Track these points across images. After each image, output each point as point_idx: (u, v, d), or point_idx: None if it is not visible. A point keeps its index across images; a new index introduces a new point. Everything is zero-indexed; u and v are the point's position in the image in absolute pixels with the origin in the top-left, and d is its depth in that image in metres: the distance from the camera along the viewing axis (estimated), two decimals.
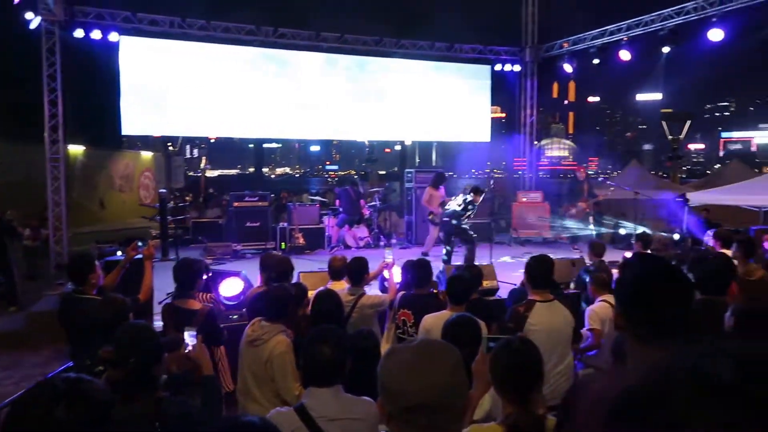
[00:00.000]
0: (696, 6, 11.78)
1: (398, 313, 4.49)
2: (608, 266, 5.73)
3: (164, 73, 12.48)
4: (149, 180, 19.72)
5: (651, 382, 0.69)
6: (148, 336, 2.54)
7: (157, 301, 5.56)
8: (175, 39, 12.61)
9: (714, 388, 0.64)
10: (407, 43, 14.76)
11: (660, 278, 1.50)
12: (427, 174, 13.16)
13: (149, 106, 12.44)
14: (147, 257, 4.66)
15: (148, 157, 20.36)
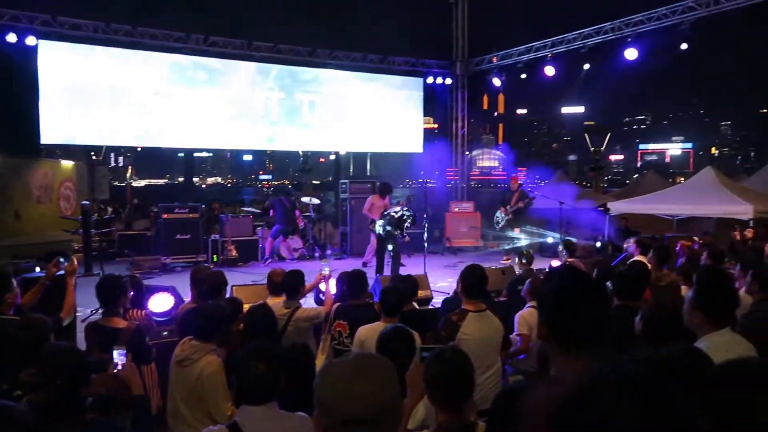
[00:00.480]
0: (613, 26, 12.53)
1: (334, 324, 4.49)
2: (537, 274, 5.95)
3: (87, 80, 11.96)
4: (70, 191, 18.74)
5: (582, 390, 0.78)
6: (73, 357, 2.44)
7: (80, 319, 5.31)
8: (99, 44, 12.13)
9: (633, 390, 0.73)
10: (341, 54, 14.85)
11: (578, 290, 1.60)
12: (362, 184, 13.25)
13: (71, 114, 11.89)
14: (69, 273, 4.44)
15: (69, 166, 19.35)
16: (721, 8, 10.78)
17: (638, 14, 12.13)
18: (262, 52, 13.82)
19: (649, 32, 12.02)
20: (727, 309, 2.79)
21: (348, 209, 12.65)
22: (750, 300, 4.23)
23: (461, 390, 2.26)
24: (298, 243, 12.08)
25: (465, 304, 3.91)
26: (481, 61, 15.99)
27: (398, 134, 15.84)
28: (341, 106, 14.84)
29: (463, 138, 17.03)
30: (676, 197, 12.01)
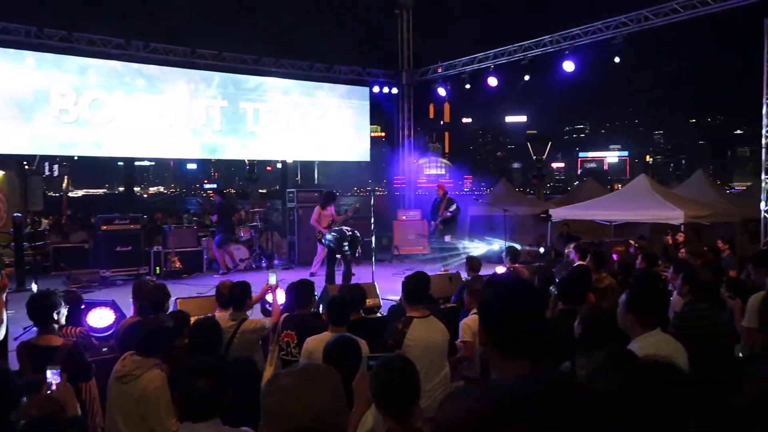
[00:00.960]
0: (552, 39, 12.99)
1: (281, 334, 4.45)
2: (484, 280, 6.07)
3: (18, 86, 11.43)
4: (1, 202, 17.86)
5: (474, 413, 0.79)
6: (3, 379, 2.33)
7: (12, 338, 5.06)
8: (32, 50, 11.63)
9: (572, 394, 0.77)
10: (286, 62, 14.78)
11: (517, 297, 1.66)
12: (309, 193, 13.18)
13: (1, 122, 11.33)
14: (0, 289, 4.24)
15: None
16: (652, 24, 11.35)
17: (575, 28, 12.62)
18: (206, 60, 13.60)
19: (585, 45, 12.53)
20: (657, 311, 2.93)
21: (295, 218, 12.56)
22: (682, 301, 4.45)
23: (408, 397, 2.29)
24: (244, 253, 11.89)
25: (410, 311, 3.95)
26: (427, 71, 16.24)
27: (345, 143, 15.87)
28: (287, 114, 14.75)
29: (410, 146, 17.22)
30: (612, 203, 12.50)
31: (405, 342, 3.77)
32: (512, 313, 1.64)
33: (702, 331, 3.88)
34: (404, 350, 3.69)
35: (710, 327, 3.97)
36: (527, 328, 1.66)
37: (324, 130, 15.31)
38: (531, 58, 13.39)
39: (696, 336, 3.73)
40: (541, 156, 31.40)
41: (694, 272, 4.19)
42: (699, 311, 4.08)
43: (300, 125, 14.94)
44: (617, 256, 8.95)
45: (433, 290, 7.34)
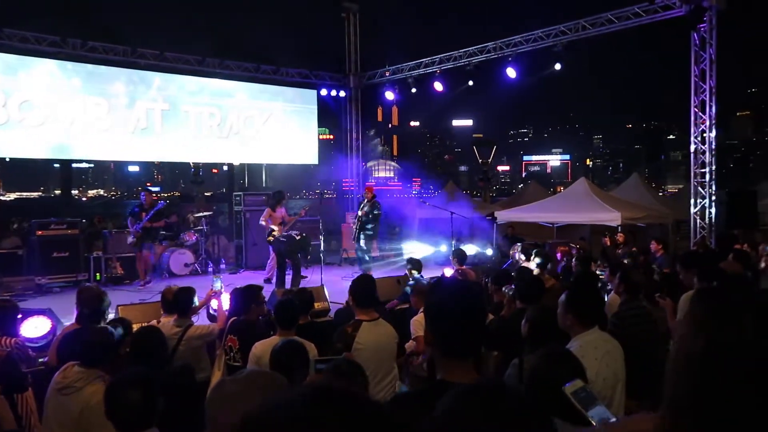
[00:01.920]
0: (495, 46, 13.33)
1: (226, 339, 4.41)
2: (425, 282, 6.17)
3: None
4: None
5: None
6: None
7: None
8: None
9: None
10: (232, 64, 14.56)
11: (459, 299, 1.72)
12: (256, 196, 13.01)
13: None
14: None
15: None
16: (589, 33, 11.81)
17: (517, 36, 12.99)
18: (147, 60, 13.23)
19: (527, 52, 12.91)
20: (594, 310, 3.07)
21: (242, 222, 12.38)
22: (618, 300, 4.65)
23: None
24: (189, 258, 11.63)
25: (358, 315, 3.97)
26: (374, 75, 16.34)
27: (293, 146, 15.76)
28: (233, 116, 14.53)
29: (358, 149, 17.28)
30: (554, 206, 12.90)
31: (354, 345, 3.79)
32: (453, 316, 1.69)
33: (638, 329, 4.07)
34: (353, 353, 3.72)
35: (645, 325, 4.17)
36: (468, 330, 1.71)
37: (271, 132, 15.16)
38: (476, 64, 13.68)
39: (632, 334, 3.92)
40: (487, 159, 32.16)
41: (629, 273, 4.39)
42: (634, 310, 4.28)
43: (246, 128, 14.74)
44: (562, 257, 9.26)
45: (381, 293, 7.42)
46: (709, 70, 10.40)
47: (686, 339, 0.97)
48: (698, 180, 10.76)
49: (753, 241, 9.57)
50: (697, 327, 0.96)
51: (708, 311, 0.98)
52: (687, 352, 0.95)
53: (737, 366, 0.89)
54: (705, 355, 0.92)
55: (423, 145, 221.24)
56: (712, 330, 0.93)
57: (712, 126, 10.56)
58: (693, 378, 0.94)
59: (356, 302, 3.93)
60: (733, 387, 0.89)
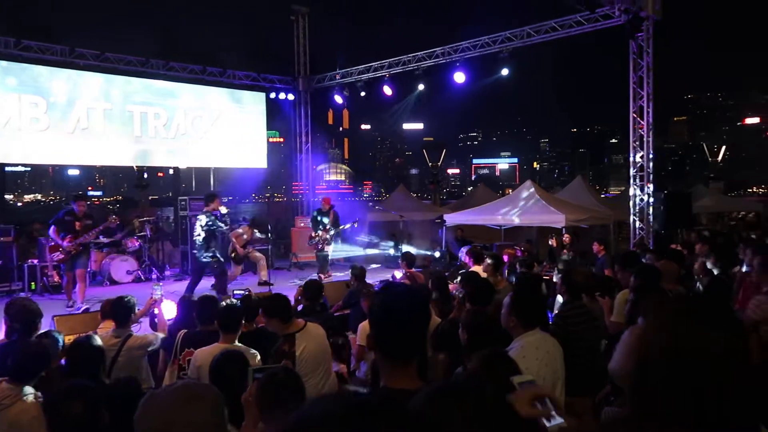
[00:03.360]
0: (443, 51, 13.49)
1: (182, 353, 4.21)
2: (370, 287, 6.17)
3: None
4: None
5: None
6: None
7: None
8: None
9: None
10: (177, 65, 14.21)
11: (401, 305, 1.71)
12: (202, 201, 12.70)
13: None
14: None
15: None
16: (534, 40, 12.10)
17: (464, 41, 13.19)
18: (87, 60, 12.76)
19: (475, 58, 13.13)
20: (536, 312, 3.13)
21: (188, 227, 12.07)
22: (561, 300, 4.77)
23: (294, 409, 2.27)
24: (132, 265, 11.26)
25: (286, 329, 3.91)
26: (324, 78, 16.27)
27: (241, 149, 15.50)
28: (179, 119, 14.18)
29: (308, 152, 17.15)
30: (502, 208, 13.11)
31: (297, 360, 3.74)
32: (395, 322, 1.69)
33: (579, 328, 4.17)
34: (300, 365, 3.68)
35: (586, 324, 4.28)
36: (412, 334, 1.71)
37: (218, 135, 14.87)
38: (425, 69, 13.81)
39: (574, 333, 4.02)
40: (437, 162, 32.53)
41: (570, 273, 4.51)
42: (576, 309, 4.38)
43: (193, 130, 14.41)
44: (509, 259, 9.42)
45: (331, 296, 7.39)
46: (647, 77, 10.82)
47: (655, 340, 1.03)
48: (637, 183, 11.17)
49: (688, 241, 9.99)
50: (665, 329, 1.02)
51: (675, 315, 1.04)
52: (656, 353, 1.00)
53: (704, 364, 0.96)
54: (675, 355, 0.98)
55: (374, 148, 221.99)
56: (680, 332, 1.00)
57: (649, 131, 10.99)
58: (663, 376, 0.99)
59: (280, 319, 3.87)
60: (700, 384, 0.96)
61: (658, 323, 1.05)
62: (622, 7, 10.41)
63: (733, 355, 0.97)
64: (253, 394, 2.27)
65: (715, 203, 20.57)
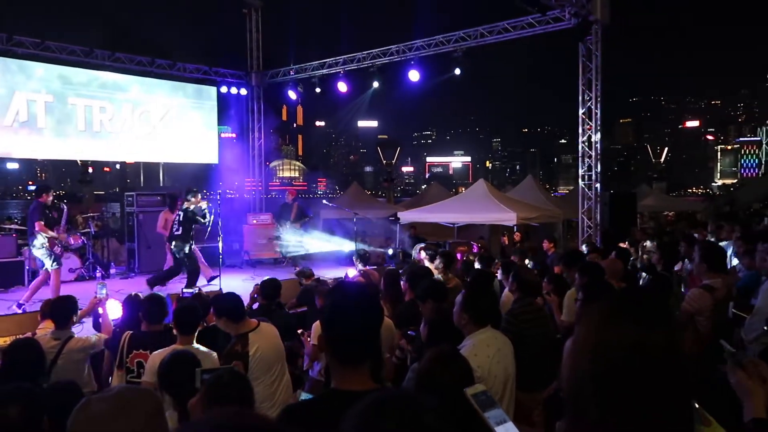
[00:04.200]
0: (398, 49, 13.52)
1: (130, 355, 4.05)
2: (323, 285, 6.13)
3: None
4: None
5: None
6: None
7: None
8: None
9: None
10: (123, 57, 13.73)
11: (353, 306, 1.67)
12: (151, 197, 12.36)
13: None
14: None
15: None
16: (487, 40, 12.27)
17: (419, 40, 13.24)
18: (27, 49, 12.18)
19: (429, 57, 13.20)
20: (488, 310, 3.15)
21: (135, 223, 11.70)
22: (512, 298, 4.83)
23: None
24: (75, 263, 10.83)
25: (238, 329, 3.82)
26: (277, 73, 16.05)
27: (192, 144, 15.13)
28: (126, 112, 13.71)
29: (261, 148, 16.90)
30: (455, 206, 13.26)
31: (250, 360, 3.65)
32: (346, 324, 1.65)
33: (530, 326, 4.24)
34: (253, 366, 3.61)
35: (537, 321, 4.35)
36: (364, 335, 1.68)
37: (168, 130, 14.47)
38: (379, 66, 13.80)
39: (525, 330, 4.08)
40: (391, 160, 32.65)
41: (521, 271, 4.57)
42: (527, 307, 4.45)
43: (141, 124, 13.96)
44: (461, 256, 9.52)
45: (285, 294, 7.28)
46: (595, 79, 11.12)
47: (587, 336, 1.02)
48: (585, 182, 11.48)
49: (633, 239, 10.33)
50: (597, 324, 1.02)
51: (607, 310, 1.04)
52: (588, 349, 1.00)
53: (632, 361, 0.96)
54: (606, 350, 0.98)
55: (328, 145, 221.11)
56: (611, 327, 1.00)
57: (597, 131, 11.30)
58: (590, 377, 0.99)
59: (230, 319, 3.77)
60: (633, 380, 0.96)
61: (586, 325, 1.05)
62: (572, 11, 10.67)
63: (661, 350, 0.98)
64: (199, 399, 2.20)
65: (658, 203, 21.39)
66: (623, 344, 0.97)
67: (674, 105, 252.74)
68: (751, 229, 8.91)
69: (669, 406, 0.97)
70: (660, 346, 0.98)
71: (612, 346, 0.98)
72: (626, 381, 0.96)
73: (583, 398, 1.00)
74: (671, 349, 0.98)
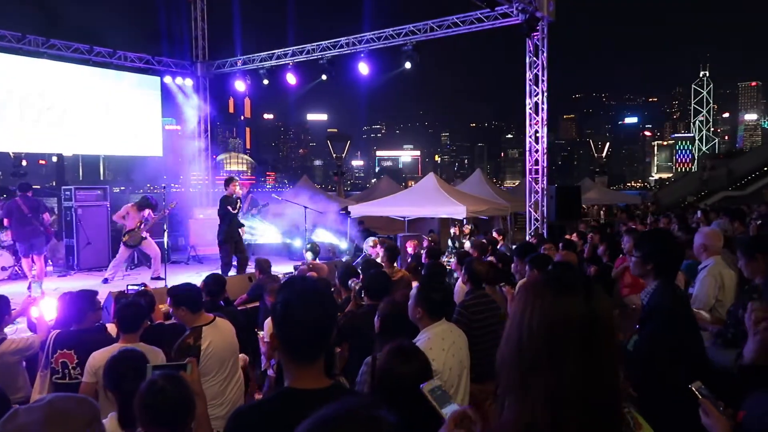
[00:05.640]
0: (348, 42, 13.40)
1: (55, 355, 3.85)
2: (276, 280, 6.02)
3: None
4: None
5: None
6: None
7: None
8: None
9: None
10: (59, 43, 13.08)
11: (305, 303, 1.60)
12: (90, 191, 11.86)
13: None
14: None
15: None
16: (436, 35, 12.32)
17: (369, 33, 13.17)
18: None
19: (379, 50, 13.15)
20: (442, 303, 3.14)
21: (74, 219, 11.19)
22: (465, 289, 4.86)
23: (175, 418, 2.08)
24: (7, 260, 10.27)
25: (193, 321, 3.72)
26: (224, 64, 15.65)
27: (134, 136, 14.59)
28: (63, 102, 13.08)
29: (207, 141, 16.46)
30: (405, 200, 13.30)
31: (202, 355, 3.55)
32: (298, 322, 1.58)
33: (482, 316, 4.27)
34: (204, 361, 3.51)
35: (489, 312, 4.39)
36: (317, 332, 1.62)
37: (110, 120, 13.91)
38: (329, 58, 13.65)
39: (477, 321, 4.11)
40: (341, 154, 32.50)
41: (473, 263, 4.60)
42: (479, 298, 4.48)
43: (79, 115, 13.36)
44: (413, 249, 9.54)
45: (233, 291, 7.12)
46: (542, 75, 11.34)
47: (525, 311, 1.08)
48: (532, 176, 11.71)
49: (578, 231, 10.62)
50: (534, 299, 1.08)
51: (543, 285, 1.11)
52: (528, 323, 1.06)
53: (573, 330, 1.03)
54: (544, 323, 1.04)
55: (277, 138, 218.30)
56: (549, 301, 1.06)
57: (544, 126, 11.54)
58: (534, 345, 1.05)
59: (189, 309, 3.66)
60: (570, 350, 1.02)
61: (516, 300, 1.13)
62: (519, 7, 10.82)
63: (578, 318, 1.04)
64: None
65: (600, 196, 22.11)
66: (545, 313, 1.05)
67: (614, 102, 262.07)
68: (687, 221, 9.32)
69: (590, 371, 1.02)
70: (577, 314, 1.04)
71: (534, 315, 1.05)
72: (547, 347, 1.03)
73: (510, 366, 1.08)
74: (589, 317, 1.04)
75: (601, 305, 1.06)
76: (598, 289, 1.09)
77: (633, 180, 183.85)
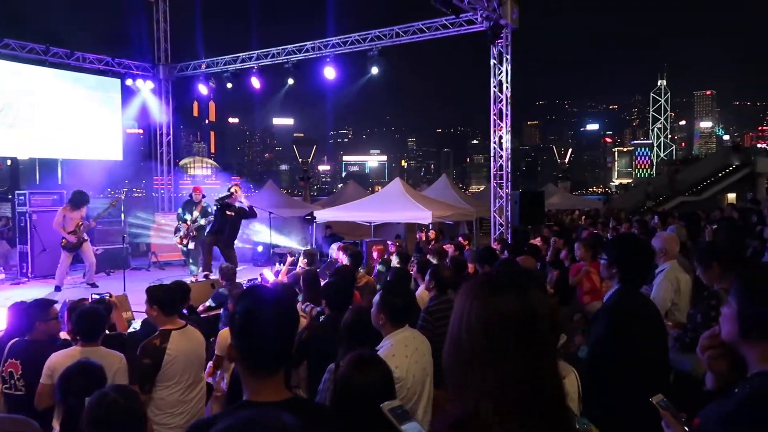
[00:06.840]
0: (314, 46, 13.36)
1: (5, 364, 3.74)
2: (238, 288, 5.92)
3: None
4: None
5: None
6: None
7: None
8: None
9: None
10: (13, 43, 12.66)
11: (262, 312, 1.55)
12: (46, 195, 11.50)
13: None
14: None
15: None
16: (402, 40, 12.37)
17: (334, 37, 13.15)
18: None
19: (345, 54, 13.14)
20: (405, 309, 3.12)
21: (28, 225, 10.83)
22: (428, 295, 4.85)
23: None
24: None
25: (164, 324, 3.66)
26: (187, 67, 15.39)
27: (93, 139, 14.21)
28: (18, 104, 12.66)
29: (170, 145, 16.14)
30: (371, 205, 13.28)
31: (165, 358, 3.48)
32: (259, 333, 1.53)
33: (446, 322, 4.28)
34: (167, 366, 3.47)
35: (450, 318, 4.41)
36: (276, 346, 1.57)
37: (66, 123, 13.53)
38: (295, 62, 13.56)
39: (441, 327, 4.10)
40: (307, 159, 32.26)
41: (437, 269, 4.60)
42: (443, 304, 4.48)
43: (35, 117, 12.95)
44: (378, 254, 9.53)
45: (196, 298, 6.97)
46: (506, 81, 11.49)
47: (464, 310, 1.12)
48: (497, 181, 11.83)
49: (542, 235, 10.76)
50: (472, 299, 1.12)
51: (480, 285, 1.15)
52: (467, 320, 1.10)
53: (509, 326, 1.07)
54: (483, 319, 1.08)
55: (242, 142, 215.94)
56: (485, 298, 1.10)
57: (508, 132, 11.69)
58: (476, 341, 1.08)
59: (161, 310, 3.63)
60: (508, 344, 1.06)
61: (456, 299, 1.17)
62: (484, 14, 10.96)
63: (513, 313, 1.08)
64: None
65: (563, 201, 22.52)
66: (482, 311, 1.09)
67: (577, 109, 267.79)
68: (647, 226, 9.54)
69: (530, 365, 1.06)
70: (512, 311, 1.08)
71: (472, 312, 1.10)
72: (485, 342, 1.07)
73: (452, 363, 1.12)
74: (525, 313, 1.08)
75: (540, 302, 1.10)
76: (535, 288, 1.13)
77: (595, 185, 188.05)
